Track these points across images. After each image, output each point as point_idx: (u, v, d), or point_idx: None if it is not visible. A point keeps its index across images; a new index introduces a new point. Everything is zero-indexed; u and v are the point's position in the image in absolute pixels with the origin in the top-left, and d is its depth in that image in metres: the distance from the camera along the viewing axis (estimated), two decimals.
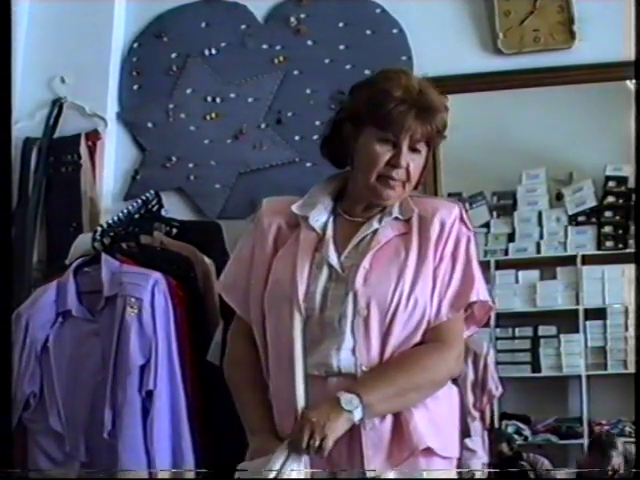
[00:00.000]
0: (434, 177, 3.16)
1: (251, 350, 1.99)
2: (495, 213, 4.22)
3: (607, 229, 3.70)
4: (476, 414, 3.26)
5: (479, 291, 1.93)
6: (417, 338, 1.87)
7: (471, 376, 3.32)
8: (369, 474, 1.80)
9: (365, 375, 1.83)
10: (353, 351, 1.83)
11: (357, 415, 1.77)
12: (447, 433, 1.92)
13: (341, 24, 3.31)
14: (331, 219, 1.98)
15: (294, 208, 1.98)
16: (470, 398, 3.23)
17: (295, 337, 1.85)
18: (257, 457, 1.84)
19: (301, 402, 1.82)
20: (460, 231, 1.94)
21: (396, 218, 1.94)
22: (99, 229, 2.79)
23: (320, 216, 1.96)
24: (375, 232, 1.93)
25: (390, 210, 1.94)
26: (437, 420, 1.89)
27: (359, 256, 1.89)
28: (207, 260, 2.78)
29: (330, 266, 1.90)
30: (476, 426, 3.11)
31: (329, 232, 1.95)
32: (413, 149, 1.90)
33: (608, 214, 3.70)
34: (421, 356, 1.86)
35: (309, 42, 3.33)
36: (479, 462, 3.18)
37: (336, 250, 1.92)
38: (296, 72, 3.30)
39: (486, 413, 3.51)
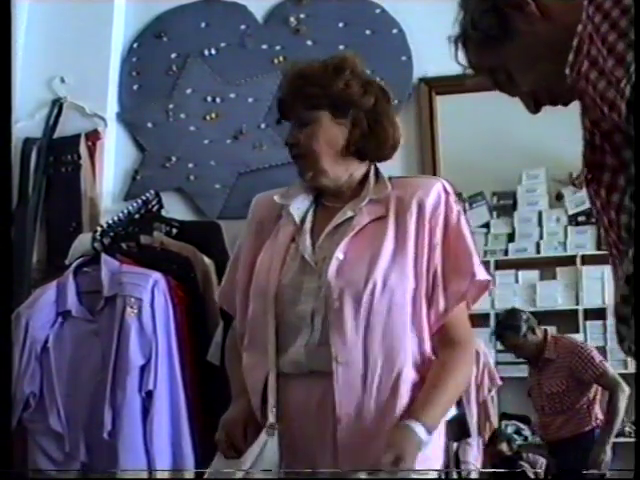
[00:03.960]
0: None
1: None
2: (495, 213, 4.22)
3: None
4: (475, 411, 3.27)
5: (478, 271, 1.84)
6: (399, 328, 1.79)
7: (474, 370, 3.32)
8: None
9: (420, 403, 1.78)
10: (326, 346, 1.76)
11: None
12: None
13: (341, 24, 3.32)
14: (312, 208, 1.94)
15: (276, 197, 1.95)
16: (473, 393, 3.24)
17: (267, 335, 1.82)
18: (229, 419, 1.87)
19: (273, 399, 1.80)
20: (448, 211, 1.85)
21: (371, 200, 1.87)
22: (99, 229, 2.79)
23: (301, 204, 1.93)
24: (350, 219, 1.86)
25: (364, 194, 1.88)
26: None
27: (333, 246, 1.82)
28: (207, 260, 2.78)
29: (303, 259, 1.84)
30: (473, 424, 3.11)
31: (307, 222, 1.91)
32: (302, 122, 1.89)
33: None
34: (457, 364, 1.83)
35: (309, 42, 3.33)
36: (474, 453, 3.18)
37: (311, 240, 1.87)
38: None
39: (490, 410, 3.51)
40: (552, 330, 3.92)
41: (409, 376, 1.79)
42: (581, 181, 1.30)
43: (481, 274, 1.84)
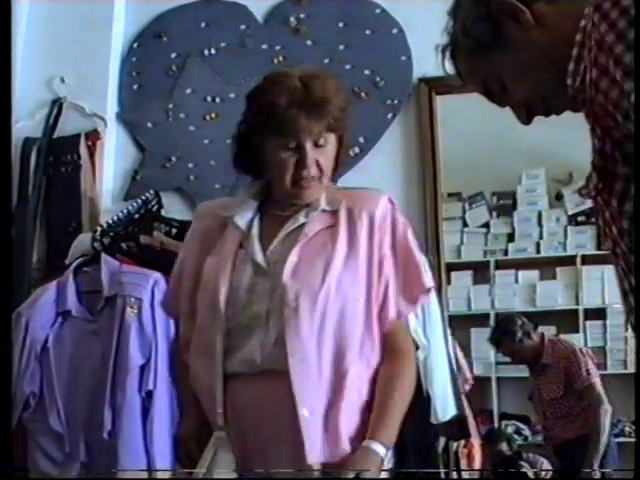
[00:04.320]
0: (434, 177, 3.15)
1: None
2: (495, 213, 4.23)
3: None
4: None
5: (426, 280, 1.93)
6: (349, 330, 1.85)
7: None
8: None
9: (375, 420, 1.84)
10: (282, 345, 1.80)
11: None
12: None
13: (340, 24, 3.32)
14: (257, 216, 1.99)
15: (221, 210, 2.00)
16: None
17: (215, 337, 1.86)
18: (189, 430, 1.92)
19: (219, 407, 1.84)
20: (395, 222, 1.94)
21: (323, 210, 1.94)
22: (99, 229, 2.79)
23: (246, 214, 1.97)
24: (302, 226, 1.92)
25: (317, 204, 1.94)
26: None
27: (286, 250, 1.88)
28: None
29: (255, 262, 1.89)
30: None
31: (254, 229, 1.95)
32: (317, 145, 1.90)
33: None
34: (402, 375, 1.90)
35: (308, 42, 3.33)
36: None
37: (261, 246, 1.92)
38: None
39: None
40: (552, 330, 3.92)
41: (354, 377, 1.84)
42: (589, 191, 1.29)
43: (429, 282, 1.94)
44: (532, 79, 1.35)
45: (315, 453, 1.78)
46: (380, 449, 1.79)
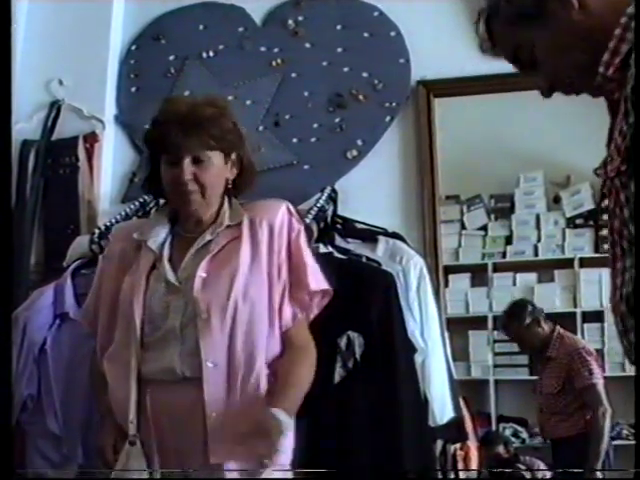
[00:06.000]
0: (432, 180, 3.15)
1: None
2: (493, 216, 4.23)
3: (605, 232, 3.70)
4: None
5: (311, 282, 2.07)
6: (258, 333, 2.00)
7: None
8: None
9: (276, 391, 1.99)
10: (197, 354, 1.95)
11: None
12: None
13: (339, 27, 3.32)
14: (169, 239, 2.12)
15: (135, 235, 2.14)
16: None
17: (130, 351, 2.00)
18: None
19: (131, 416, 1.98)
20: (290, 229, 2.09)
21: (228, 226, 2.08)
22: (97, 231, 2.79)
23: (158, 237, 2.11)
24: (209, 243, 2.07)
25: (221, 220, 2.09)
26: None
27: (195, 267, 2.03)
28: None
29: (167, 281, 2.04)
30: None
31: (165, 250, 2.09)
32: (197, 160, 2.04)
33: (606, 217, 3.71)
34: (300, 363, 2.05)
35: (307, 45, 3.33)
36: None
37: (172, 266, 2.06)
38: (294, 75, 3.30)
39: None
40: None
41: (262, 374, 2.00)
42: (606, 170, 1.32)
43: (314, 284, 2.08)
44: (565, 57, 1.40)
45: (220, 452, 1.92)
46: (282, 415, 1.90)
